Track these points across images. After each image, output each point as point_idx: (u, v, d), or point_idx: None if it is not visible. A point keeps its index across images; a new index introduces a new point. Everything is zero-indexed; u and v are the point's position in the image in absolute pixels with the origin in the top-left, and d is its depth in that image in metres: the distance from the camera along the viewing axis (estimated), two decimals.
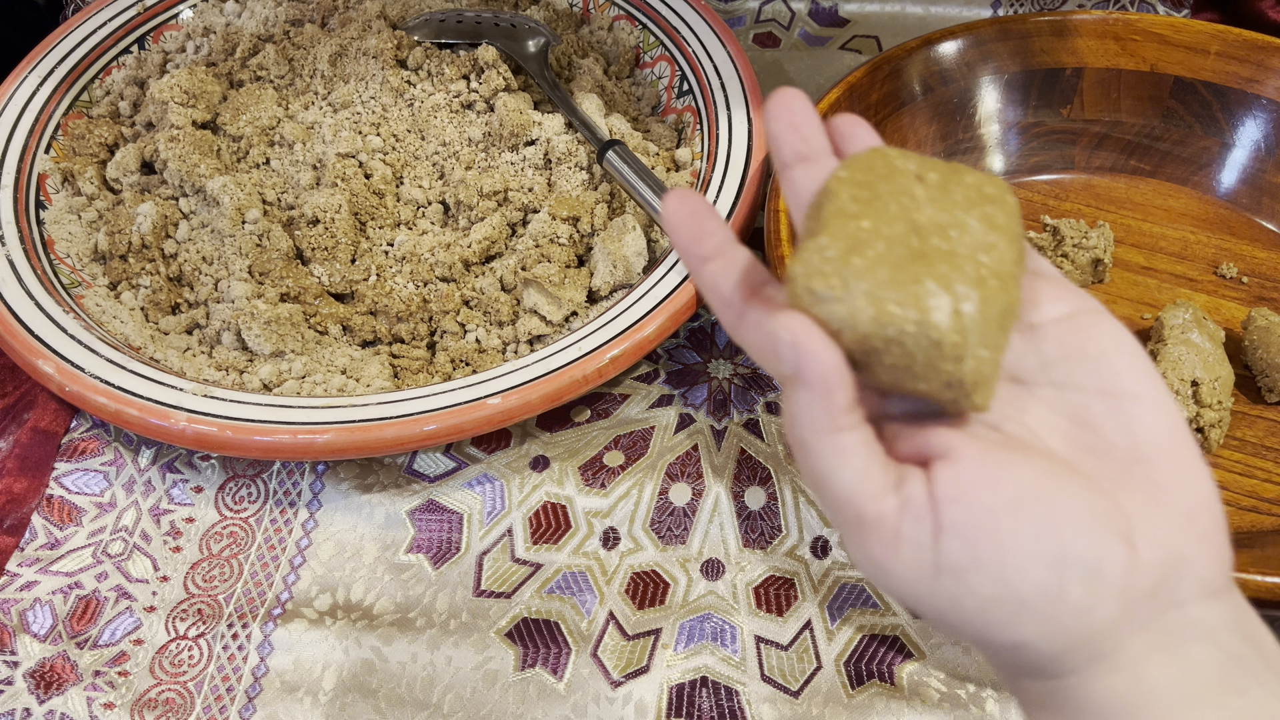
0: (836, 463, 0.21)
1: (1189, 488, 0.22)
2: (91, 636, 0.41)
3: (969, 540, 0.21)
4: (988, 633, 0.21)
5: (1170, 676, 0.21)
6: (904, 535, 0.21)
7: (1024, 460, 0.21)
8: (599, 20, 0.61)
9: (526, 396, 0.42)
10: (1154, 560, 0.21)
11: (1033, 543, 0.20)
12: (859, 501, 0.21)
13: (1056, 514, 0.21)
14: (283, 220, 0.51)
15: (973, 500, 0.21)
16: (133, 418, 0.42)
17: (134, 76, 0.58)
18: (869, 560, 0.22)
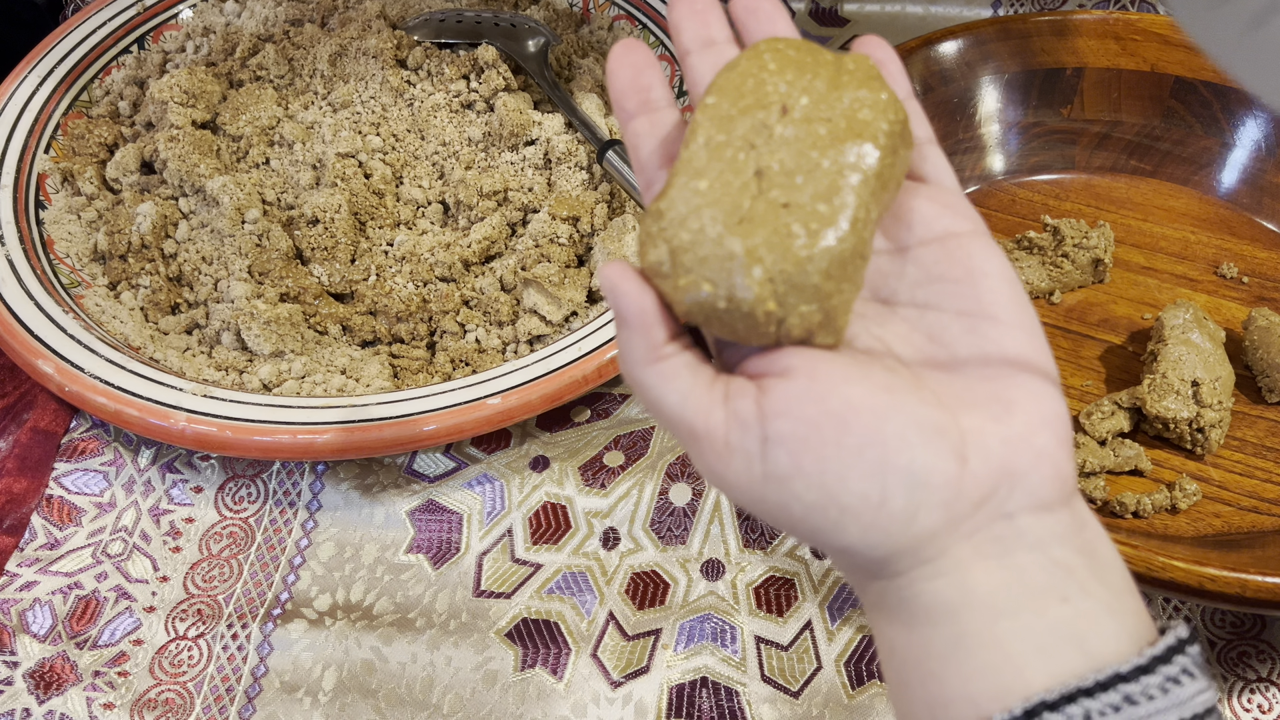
0: (662, 388, 0.23)
1: (1033, 407, 0.23)
2: (91, 637, 0.41)
3: (792, 450, 0.22)
4: (815, 536, 0.22)
5: (993, 582, 0.21)
6: (733, 445, 0.22)
7: (858, 376, 0.22)
8: (599, 20, 0.61)
9: (526, 396, 0.42)
10: (984, 472, 0.22)
11: (854, 454, 0.21)
12: (689, 419, 0.23)
13: (884, 426, 0.22)
14: (282, 220, 0.51)
15: (797, 413, 0.22)
16: (132, 418, 0.42)
17: (134, 76, 0.58)
18: (707, 468, 0.23)
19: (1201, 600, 0.35)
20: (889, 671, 0.24)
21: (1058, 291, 0.50)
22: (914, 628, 0.22)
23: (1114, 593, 0.22)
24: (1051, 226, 0.50)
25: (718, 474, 0.23)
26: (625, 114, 0.26)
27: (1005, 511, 0.22)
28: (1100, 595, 0.22)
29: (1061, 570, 0.22)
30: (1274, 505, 0.42)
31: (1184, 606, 0.42)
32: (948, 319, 0.24)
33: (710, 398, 0.23)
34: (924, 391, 0.23)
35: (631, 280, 0.23)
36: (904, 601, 0.22)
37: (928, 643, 0.22)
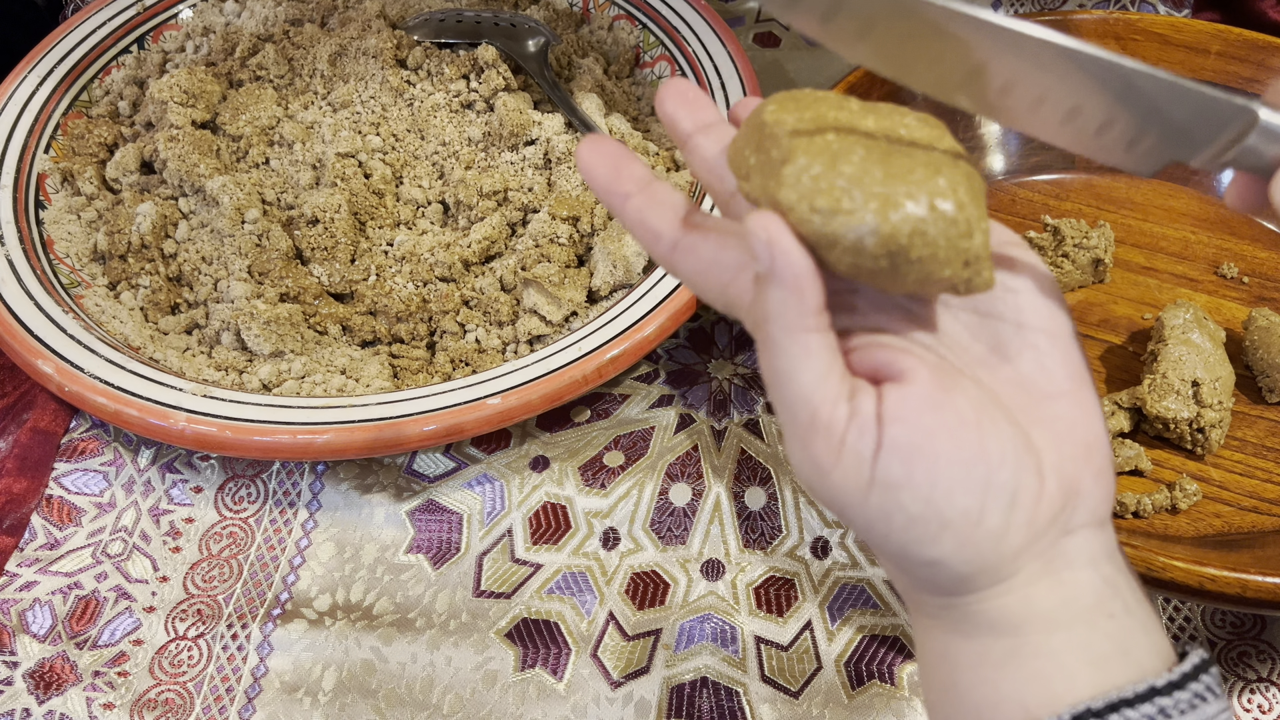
0: (802, 362, 0.22)
1: (1088, 426, 0.24)
2: (91, 637, 0.41)
3: (906, 459, 0.22)
4: (908, 548, 0.22)
5: (1055, 599, 0.22)
6: (848, 444, 0.22)
7: (964, 388, 0.23)
8: (599, 20, 0.61)
9: (526, 396, 0.42)
10: (1057, 491, 0.23)
11: (964, 469, 0.22)
12: (815, 403, 0.22)
13: (987, 443, 0.22)
14: (282, 220, 0.51)
15: (916, 422, 0.22)
16: (132, 418, 0.42)
17: (133, 76, 0.58)
18: (811, 463, 0.22)
19: (1202, 600, 0.35)
20: (935, 674, 0.24)
21: None
22: (974, 638, 0.23)
23: (1146, 611, 0.23)
24: (1052, 226, 0.50)
25: (822, 470, 0.22)
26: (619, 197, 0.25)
27: (1069, 528, 0.23)
28: (1138, 612, 0.23)
29: (1109, 587, 0.23)
30: (1274, 505, 0.42)
31: (1184, 606, 0.42)
32: (1005, 328, 0.24)
33: (840, 389, 0.22)
34: (1005, 407, 0.23)
35: (789, 236, 0.21)
36: (967, 616, 0.23)
37: (985, 651, 0.23)
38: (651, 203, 0.25)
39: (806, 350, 0.22)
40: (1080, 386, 0.24)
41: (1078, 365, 0.24)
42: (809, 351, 0.22)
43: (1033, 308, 0.24)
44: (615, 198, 0.25)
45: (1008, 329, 0.24)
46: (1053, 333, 0.24)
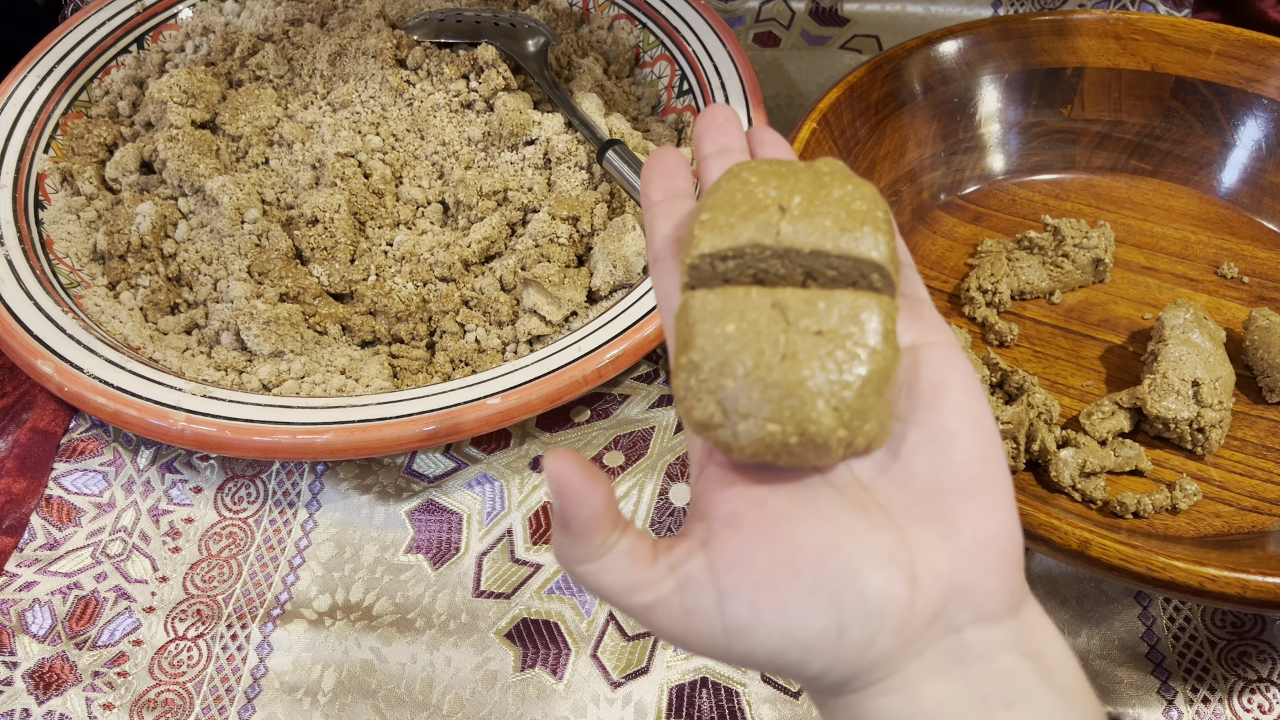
0: (603, 581, 0.23)
1: (981, 523, 0.23)
2: (90, 637, 0.41)
3: (749, 601, 0.22)
4: (781, 672, 0.23)
5: (940, 695, 0.22)
6: (689, 608, 0.22)
7: (803, 512, 0.23)
8: (599, 20, 0.61)
9: (526, 397, 0.42)
10: (934, 593, 0.22)
11: (809, 594, 0.22)
12: (636, 599, 0.23)
13: (831, 562, 0.22)
14: (282, 220, 0.51)
15: (749, 564, 0.22)
16: (132, 418, 0.42)
17: (133, 76, 0.58)
18: (666, 634, 0.23)
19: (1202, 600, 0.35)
20: None
21: (1058, 291, 0.50)
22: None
23: (1061, 693, 0.22)
24: (1052, 226, 0.50)
25: (678, 637, 0.23)
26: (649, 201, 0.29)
27: (954, 626, 0.22)
28: (1046, 698, 0.22)
29: (1007, 677, 0.22)
30: (1274, 505, 0.42)
31: (1184, 606, 0.42)
32: (907, 429, 0.24)
33: (654, 572, 0.23)
34: (872, 514, 0.23)
35: (580, 479, 0.22)
36: (856, 716, 0.23)
37: None
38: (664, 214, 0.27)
39: (603, 572, 0.23)
40: (975, 485, 0.23)
41: (976, 463, 0.24)
42: (605, 572, 0.23)
43: (935, 408, 0.24)
44: (644, 199, 0.28)
45: (907, 428, 0.24)
46: (955, 432, 0.24)
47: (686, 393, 0.23)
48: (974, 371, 0.25)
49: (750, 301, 0.23)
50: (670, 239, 0.28)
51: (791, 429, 0.22)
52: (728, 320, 0.23)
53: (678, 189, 0.29)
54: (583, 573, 0.23)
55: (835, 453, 0.23)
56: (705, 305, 0.23)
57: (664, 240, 0.28)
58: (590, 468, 0.22)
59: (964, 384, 0.25)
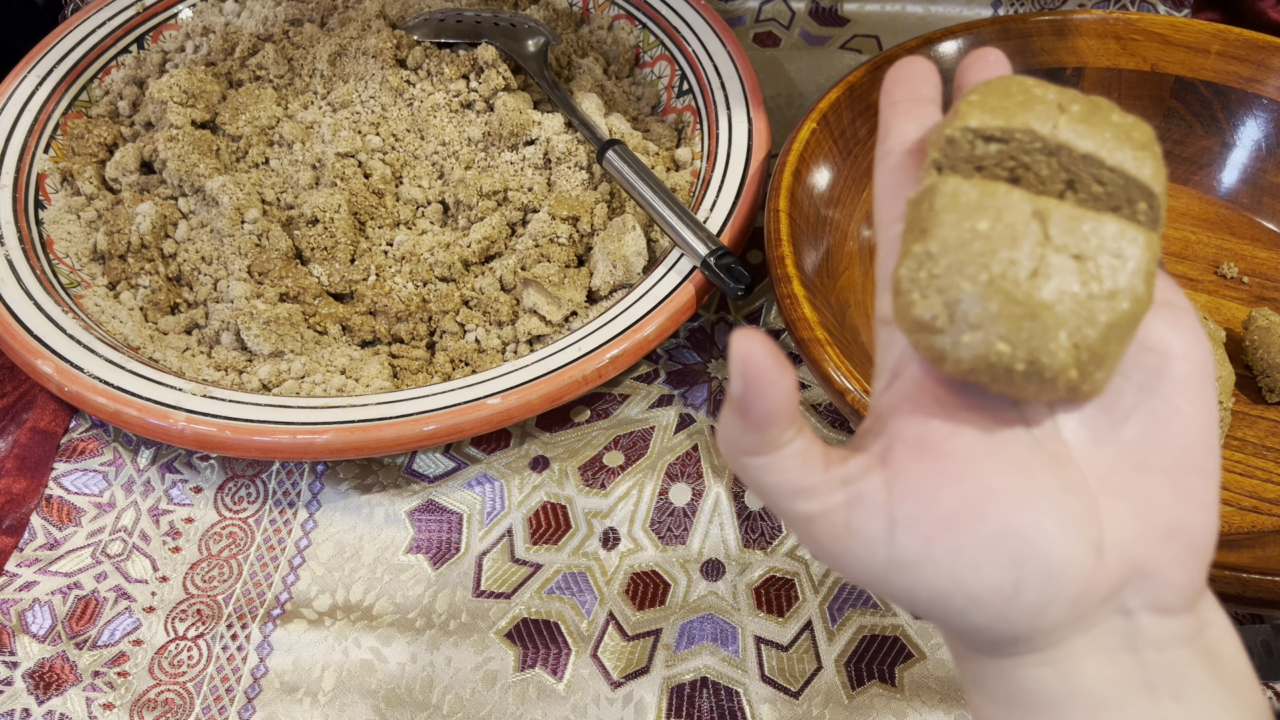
0: (768, 478, 0.21)
1: (1179, 510, 0.22)
2: (91, 637, 0.41)
3: (924, 537, 0.20)
4: (935, 617, 0.21)
5: (1103, 676, 0.21)
6: (854, 529, 0.21)
7: (996, 454, 0.21)
8: (599, 20, 0.61)
9: (526, 397, 0.42)
10: (1116, 570, 0.21)
11: (991, 544, 0.20)
12: (798, 505, 0.21)
13: (1023, 515, 0.20)
14: (282, 220, 0.51)
15: (931, 497, 0.21)
16: (132, 418, 0.42)
17: (133, 76, 0.58)
18: (820, 549, 0.22)
19: None
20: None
21: None
22: (1011, 708, 0.22)
23: (1231, 690, 0.21)
24: None
25: (834, 556, 0.21)
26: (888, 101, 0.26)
27: (1126, 608, 0.21)
28: (1216, 693, 0.21)
29: (1177, 668, 0.21)
30: (1274, 505, 0.42)
31: None
32: (1126, 391, 0.22)
33: (825, 480, 0.21)
34: (1067, 473, 0.21)
35: (770, 363, 0.20)
36: (1004, 682, 0.22)
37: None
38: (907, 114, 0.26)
39: (768, 469, 0.21)
40: (1184, 468, 0.22)
41: (1196, 444, 0.22)
42: (771, 469, 0.21)
43: (1163, 375, 0.22)
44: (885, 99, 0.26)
45: (1129, 386, 0.22)
46: (1179, 406, 0.22)
47: (911, 285, 0.21)
48: (1209, 346, 0.23)
49: (1010, 201, 0.21)
50: (910, 138, 0.25)
51: (1023, 355, 0.20)
52: (981, 216, 0.20)
53: (924, 94, 0.26)
54: (747, 464, 0.21)
55: (1057, 392, 0.20)
56: (958, 194, 0.21)
57: (901, 137, 0.25)
58: (779, 354, 0.20)
59: (1197, 357, 0.23)
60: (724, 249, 0.45)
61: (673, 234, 0.46)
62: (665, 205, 0.47)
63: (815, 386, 0.48)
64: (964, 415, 0.22)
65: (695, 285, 0.45)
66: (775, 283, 0.43)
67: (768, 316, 0.51)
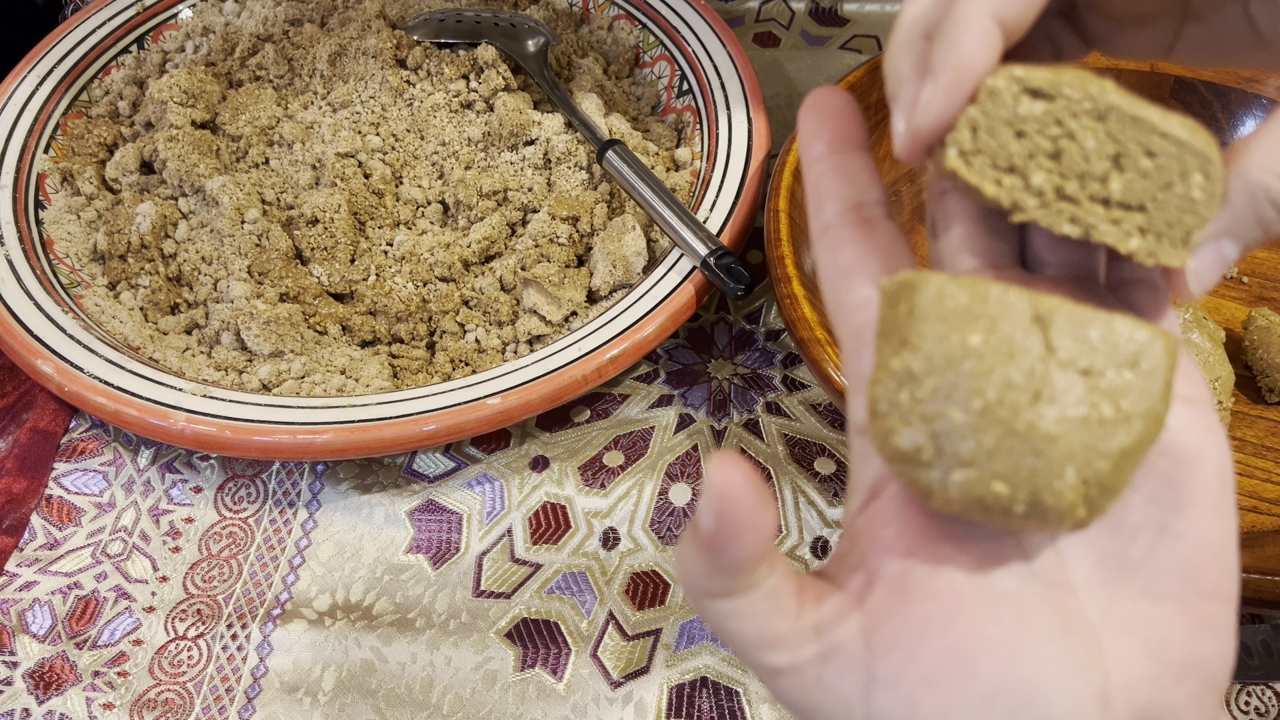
0: (733, 625, 0.19)
1: (1196, 643, 0.19)
2: (91, 637, 0.41)
3: (906, 698, 0.18)
4: None
5: None
6: (828, 686, 0.19)
7: (986, 596, 0.19)
8: (599, 20, 0.61)
9: (526, 396, 0.42)
10: (1125, 717, 0.19)
11: (981, 706, 0.18)
12: (765, 656, 0.19)
13: (1018, 669, 0.18)
14: (282, 220, 0.51)
15: (915, 651, 0.18)
16: (132, 418, 0.42)
17: (133, 76, 0.58)
18: (787, 702, 0.19)
19: None
20: None
21: None
22: None
23: None
24: None
25: (804, 711, 0.19)
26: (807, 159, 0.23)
27: None
28: None
29: None
30: (1274, 505, 0.42)
31: None
32: (1135, 502, 0.20)
33: (797, 628, 0.19)
34: (1068, 610, 0.19)
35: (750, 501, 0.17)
36: None
37: None
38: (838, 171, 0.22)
39: (735, 614, 0.19)
40: (1202, 595, 0.19)
41: (1215, 566, 0.19)
42: (737, 614, 0.19)
43: (1193, 488, 0.19)
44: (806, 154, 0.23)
45: (1137, 499, 0.20)
46: (1196, 522, 0.19)
47: (891, 409, 0.18)
48: (1227, 446, 0.20)
49: (1006, 305, 0.17)
50: (848, 200, 0.22)
51: (1024, 495, 0.17)
52: (973, 327, 0.17)
53: (851, 138, 0.23)
54: (710, 606, 0.19)
55: (1061, 528, 0.18)
56: (944, 297, 0.18)
57: (839, 204, 0.22)
58: (761, 487, 0.17)
59: (1215, 460, 0.20)
60: (724, 249, 0.45)
61: (672, 234, 0.46)
62: (665, 205, 0.47)
63: (815, 386, 0.48)
64: (951, 548, 0.19)
65: (695, 285, 0.45)
66: (775, 283, 0.43)
67: (768, 316, 0.51)
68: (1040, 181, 0.19)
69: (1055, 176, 0.19)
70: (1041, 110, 0.19)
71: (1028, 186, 0.19)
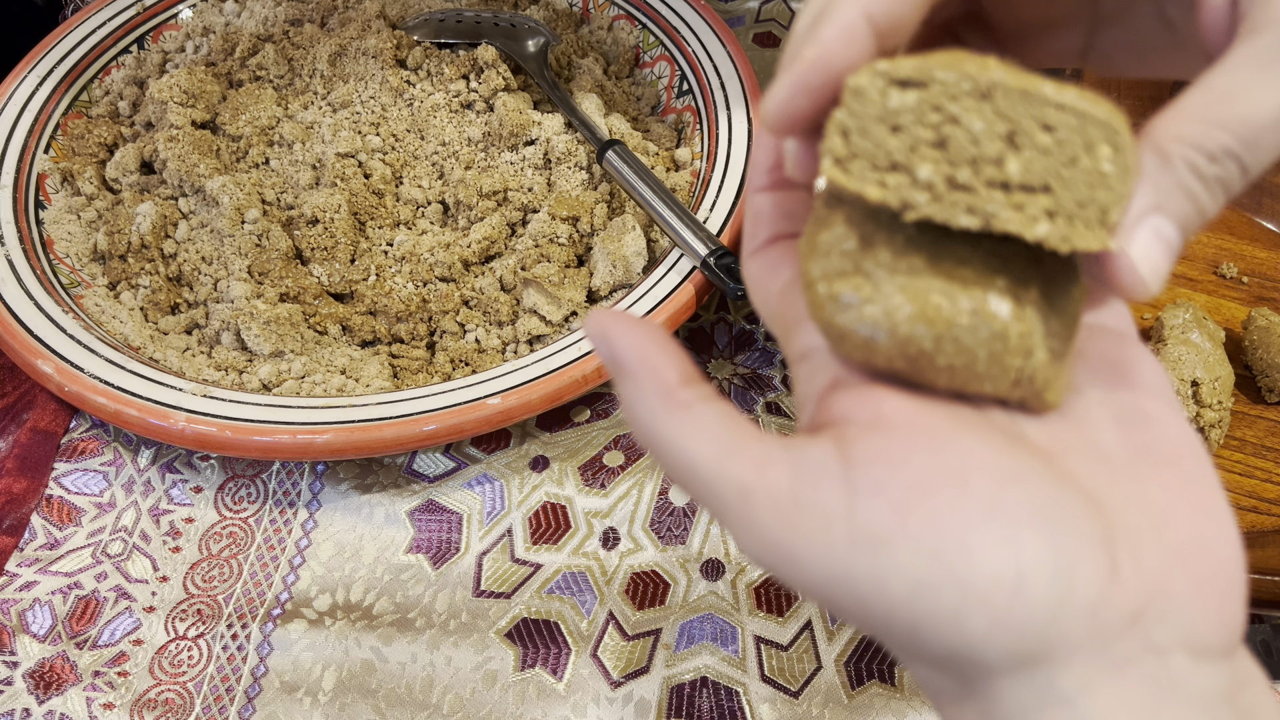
0: (689, 441, 0.17)
1: (1194, 522, 0.18)
2: (91, 637, 0.41)
3: (894, 503, 0.16)
4: (918, 630, 0.16)
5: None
6: (804, 501, 0.17)
7: (978, 433, 0.17)
8: (598, 20, 0.61)
9: (526, 397, 0.42)
10: (1136, 584, 0.17)
11: (980, 519, 0.16)
12: (733, 473, 0.17)
13: (1015, 493, 0.16)
14: (282, 220, 0.51)
15: (898, 461, 0.16)
16: (132, 418, 0.42)
17: (133, 76, 0.58)
18: (761, 539, 0.17)
19: None
20: None
21: None
22: None
23: None
24: None
25: (779, 543, 0.17)
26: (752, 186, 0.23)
27: (1157, 644, 0.17)
28: None
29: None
30: (1274, 505, 0.42)
31: None
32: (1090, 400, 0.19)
33: (762, 446, 0.17)
34: (1058, 472, 0.17)
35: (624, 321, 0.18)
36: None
37: None
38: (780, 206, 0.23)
39: (688, 428, 0.18)
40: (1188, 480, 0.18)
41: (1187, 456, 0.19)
42: (692, 428, 0.18)
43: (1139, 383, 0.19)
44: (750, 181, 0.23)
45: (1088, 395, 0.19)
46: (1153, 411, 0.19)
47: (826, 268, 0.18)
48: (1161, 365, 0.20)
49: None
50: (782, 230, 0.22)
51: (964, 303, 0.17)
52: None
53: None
54: (663, 429, 0.18)
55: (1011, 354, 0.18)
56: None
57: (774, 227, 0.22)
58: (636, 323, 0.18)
59: (1155, 368, 0.20)
60: (724, 249, 0.45)
61: (672, 234, 0.46)
62: (665, 205, 0.47)
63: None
64: (922, 401, 0.18)
65: (695, 285, 0.45)
66: None
67: None
68: (928, 174, 0.18)
69: (944, 166, 0.18)
70: (915, 100, 0.18)
71: (915, 182, 0.18)
